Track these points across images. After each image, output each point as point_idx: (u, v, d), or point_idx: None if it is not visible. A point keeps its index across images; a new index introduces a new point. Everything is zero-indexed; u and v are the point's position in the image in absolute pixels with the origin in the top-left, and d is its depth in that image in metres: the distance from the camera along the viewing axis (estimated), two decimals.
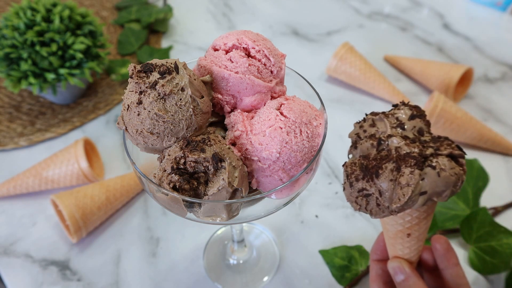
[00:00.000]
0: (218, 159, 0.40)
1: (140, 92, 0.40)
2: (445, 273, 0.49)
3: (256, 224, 0.75)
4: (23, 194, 0.78)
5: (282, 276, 0.68)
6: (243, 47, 0.46)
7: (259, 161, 0.43)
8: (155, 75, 0.40)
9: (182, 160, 0.40)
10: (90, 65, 0.84)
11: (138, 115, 0.41)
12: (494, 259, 0.64)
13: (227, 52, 0.46)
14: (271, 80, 0.46)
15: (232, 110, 0.47)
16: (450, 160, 0.39)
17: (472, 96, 0.95)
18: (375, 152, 0.42)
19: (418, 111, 0.43)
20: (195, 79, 0.42)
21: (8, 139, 0.87)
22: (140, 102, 0.40)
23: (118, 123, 0.43)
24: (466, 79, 0.94)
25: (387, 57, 1.04)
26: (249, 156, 0.43)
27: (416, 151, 0.39)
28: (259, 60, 0.46)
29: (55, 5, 0.84)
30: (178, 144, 0.42)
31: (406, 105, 0.44)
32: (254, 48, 0.45)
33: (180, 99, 0.41)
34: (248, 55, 0.46)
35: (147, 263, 0.70)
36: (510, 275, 0.64)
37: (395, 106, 0.45)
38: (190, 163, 0.40)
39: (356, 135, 0.45)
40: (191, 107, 0.41)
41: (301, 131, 0.43)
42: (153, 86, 0.40)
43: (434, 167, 0.39)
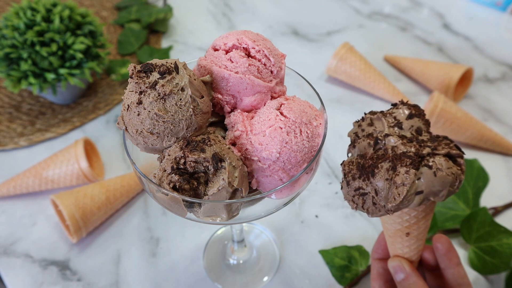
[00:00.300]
0: (218, 159, 0.40)
1: (140, 92, 0.40)
2: (446, 272, 0.49)
3: (256, 224, 0.75)
4: (23, 194, 0.78)
5: (282, 276, 0.68)
6: (243, 47, 0.46)
7: (259, 161, 0.43)
8: (155, 75, 0.40)
9: (182, 160, 0.40)
10: (90, 65, 0.84)
11: (138, 115, 0.41)
12: (494, 259, 0.64)
13: (227, 52, 0.46)
14: (271, 80, 0.46)
15: (232, 110, 0.47)
16: (448, 160, 0.39)
17: (472, 96, 0.95)
18: (372, 151, 0.42)
19: (417, 110, 0.43)
20: (195, 79, 0.42)
21: (8, 139, 0.87)
22: (140, 102, 0.40)
23: (118, 123, 0.43)
24: (466, 79, 0.94)
25: (387, 57, 1.04)
26: (249, 156, 0.43)
27: (413, 150, 0.39)
28: (259, 60, 0.46)
29: (55, 5, 0.84)
30: (178, 144, 0.41)
31: (404, 104, 0.44)
32: (254, 48, 0.45)
33: (180, 99, 0.41)
34: (248, 55, 0.46)
35: (147, 263, 0.70)
36: (510, 275, 0.64)
37: (394, 105, 0.45)
38: (190, 163, 0.40)
39: (355, 134, 0.45)
40: (191, 107, 0.41)
41: (301, 131, 0.43)
42: (153, 86, 0.40)
43: (430, 167, 0.38)
